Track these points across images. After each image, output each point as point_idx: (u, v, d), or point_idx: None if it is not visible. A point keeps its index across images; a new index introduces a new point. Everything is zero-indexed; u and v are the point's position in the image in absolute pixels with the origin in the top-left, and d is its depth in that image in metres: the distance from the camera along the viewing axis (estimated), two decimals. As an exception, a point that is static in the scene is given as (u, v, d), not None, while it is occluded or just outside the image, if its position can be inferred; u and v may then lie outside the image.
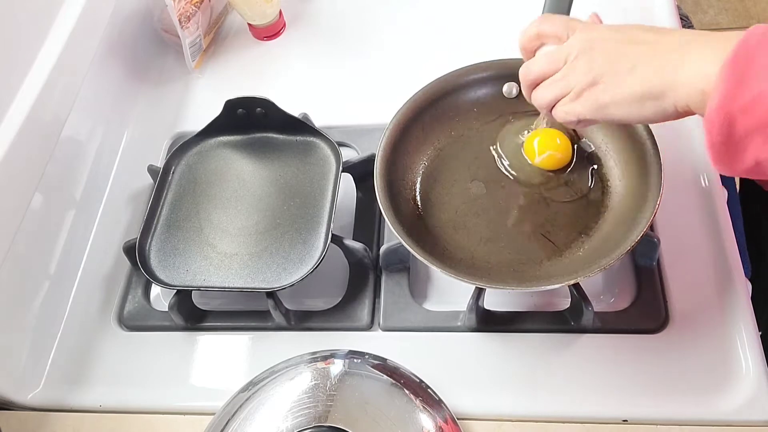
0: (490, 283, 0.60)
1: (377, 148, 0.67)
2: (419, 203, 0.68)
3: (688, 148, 0.73)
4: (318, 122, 0.78)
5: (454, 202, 0.68)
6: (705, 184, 0.71)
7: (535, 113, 0.69)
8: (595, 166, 0.67)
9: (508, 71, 0.70)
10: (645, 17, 0.85)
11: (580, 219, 0.65)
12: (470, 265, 0.63)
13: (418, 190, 0.69)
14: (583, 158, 0.68)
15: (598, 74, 0.49)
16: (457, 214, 0.67)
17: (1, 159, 0.60)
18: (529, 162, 0.68)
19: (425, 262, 0.59)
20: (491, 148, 0.70)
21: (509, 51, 0.71)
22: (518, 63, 0.70)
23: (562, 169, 0.67)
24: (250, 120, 0.76)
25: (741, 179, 0.88)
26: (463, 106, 0.71)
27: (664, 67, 0.46)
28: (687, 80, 0.44)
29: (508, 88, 0.70)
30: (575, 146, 0.68)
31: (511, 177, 0.68)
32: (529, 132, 0.69)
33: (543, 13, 0.69)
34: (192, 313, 0.69)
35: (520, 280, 0.61)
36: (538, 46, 0.57)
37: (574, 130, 0.69)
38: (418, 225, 0.66)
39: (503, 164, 0.69)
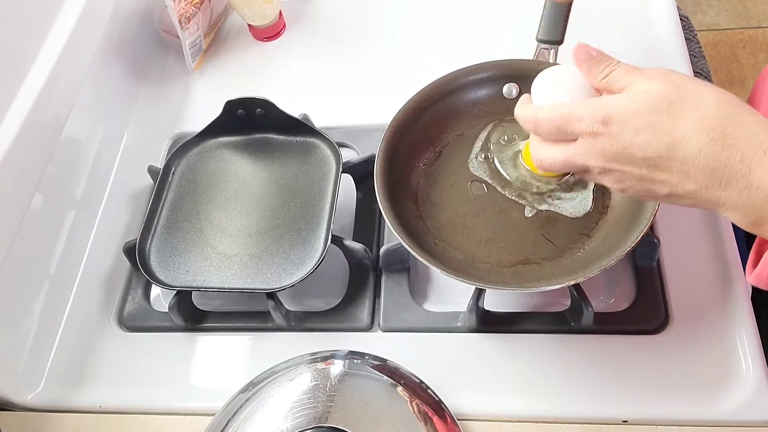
0: (489, 283, 0.60)
1: (377, 148, 0.66)
2: (419, 203, 0.68)
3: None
4: (318, 123, 0.78)
5: (454, 203, 0.68)
6: (705, 184, 0.71)
7: None
8: None
9: (507, 72, 0.70)
10: (645, 18, 0.85)
11: (580, 219, 0.65)
12: (470, 266, 0.63)
13: (418, 190, 0.69)
14: None
15: (631, 191, 0.45)
16: (457, 215, 0.67)
17: (1, 159, 0.60)
18: (528, 168, 0.67)
19: (425, 262, 0.59)
20: (486, 155, 0.70)
21: (509, 51, 0.71)
22: (518, 63, 0.70)
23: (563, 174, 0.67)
24: (250, 120, 0.76)
25: None
26: (463, 107, 0.71)
27: (699, 204, 0.43)
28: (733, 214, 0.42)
29: (508, 89, 0.70)
30: None
31: (510, 181, 0.68)
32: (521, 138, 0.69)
33: (542, 18, 0.69)
34: (192, 314, 0.69)
35: (520, 280, 0.61)
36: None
37: None
38: (419, 225, 0.66)
39: (500, 169, 0.69)
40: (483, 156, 0.70)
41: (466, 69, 0.70)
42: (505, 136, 0.70)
